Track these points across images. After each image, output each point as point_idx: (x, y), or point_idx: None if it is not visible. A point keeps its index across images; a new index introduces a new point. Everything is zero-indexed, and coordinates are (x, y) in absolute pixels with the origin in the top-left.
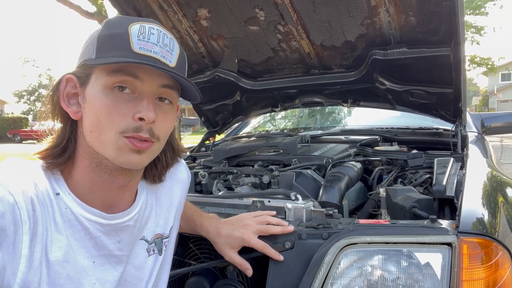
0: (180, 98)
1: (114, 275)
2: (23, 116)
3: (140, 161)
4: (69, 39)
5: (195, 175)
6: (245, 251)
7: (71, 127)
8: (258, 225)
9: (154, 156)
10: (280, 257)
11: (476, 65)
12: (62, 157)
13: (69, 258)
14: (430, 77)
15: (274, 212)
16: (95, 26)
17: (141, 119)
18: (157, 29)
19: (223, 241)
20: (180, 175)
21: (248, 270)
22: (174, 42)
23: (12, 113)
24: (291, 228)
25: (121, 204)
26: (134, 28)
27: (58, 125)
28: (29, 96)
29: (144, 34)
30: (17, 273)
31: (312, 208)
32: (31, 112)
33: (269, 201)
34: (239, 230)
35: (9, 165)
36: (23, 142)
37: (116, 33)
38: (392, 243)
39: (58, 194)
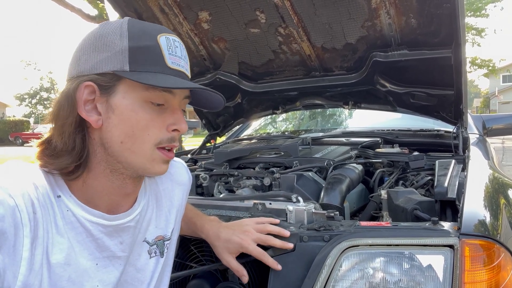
0: None
1: (117, 277)
2: (24, 119)
3: (167, 169)
4: (70, 42)
5: (196, 177)
6: (246, 254)
7: (87, 134)
8: (258, 233)
9: None
10: (278, 266)
11: (477, 67)
12: (81, 167)
13: (71, 261)
14: (431, 79)
15: (277, 221)
16: None
17: (174, 130)
18: (178, 41)
19: (222, 245)
20: (181, 177)
21: (244, 277)
22: (186, 52)
23: (14, 116)
24: (290, 245)
25: (123, 206)
26: (163, 41)
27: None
28: (30, 99)
29: (172, 48)
30: (17, 276)
31: (313, 210)
32: (33, 115)
33: (270, 204)
34: (239, 235)
35: (10, 168)
36: (24, 145)
37: (148, 46)
38: (393, 245)
39: (59, 196)
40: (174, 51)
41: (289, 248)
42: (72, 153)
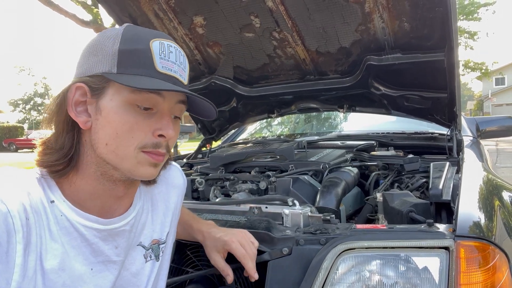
0: None
1: (112, 282)
2: (18, 125)
3: (155, 173)
4: (64, 48)
5: (192, 182)
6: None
7: (78, 136)
8: (244, 239)
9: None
10: (255, 275)
11: (470, 70)
12: (68, 166)
13: (65, 266)
14: (425, 82)
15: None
16: (90, 35)
17: (160, 135)
18: (174, 47)
19: (211, 244)
20: (175, 180)
21: (229, 277)
22: (185, 59)
23: (8, 122)
24: (253, 274)
25: (118, 210)
26: (155, 46)
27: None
28: (24, 105)
29: (164, 53)
30: (11, 283)
31: (309, 213)
32: (27, 121)
33: (266, 207)
34: (227, 235)
35: (2, 174)
36: (18, 151)
37: (138, 49)
38: (389, 247)
39: (52, 201)
40: (167, 56)
41: (251, 278)
42: (60, 151)
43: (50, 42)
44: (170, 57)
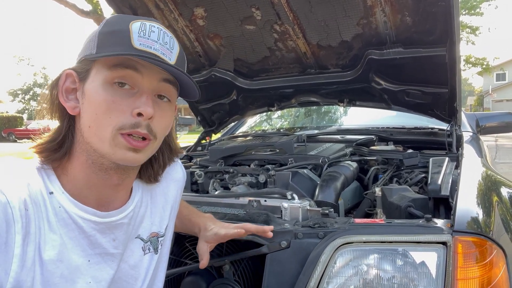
0: (178, 98)
1: (110, 274)
2: (18, 115)
3: (137, 159)
4: (64, 38)
5: (191, 174)
6: (240, 251)
7: (69, 122)
8: (236, 225)
9: (151, 154)
10: (241, 231)
11: (471, 65)
12: (58, 152)
13: (63, 257)
14: (426, 77)
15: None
16: (90, 25)
17: (139, 114)
18: (157, 27)
19: (203, 234)
20: (175, 174)
21: (202, 261)
22: (174, 41)
23: (7, 112)
24: (266, 228)
25: (116, 202)
26: (135, 26)
27: (54, 124)
28: (24, 95)
29: (144, 32)
30: (9, 273)
31: (308, 207)
32: (26, 111)
33: (265, 201)
34: (217, 227)
35: (2, 164)
36: (17, 141)
37: (117, 30)
38: (387, 242)
39: (51, 193)
40: (147, 35)
41: (266, 232)
42: (51, 136)
43: (49, 32)
44: (150, 36)
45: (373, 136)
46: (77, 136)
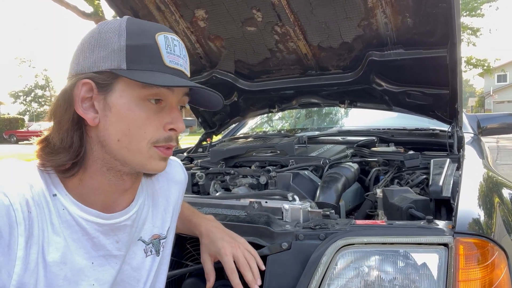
0: None
1: (112, 275)
2: (19, 116)
3: (165, 167)
4: (65, 40)
5: (192, 176)
6: None
7: (84, 132)
8: (240, 252)
9: None
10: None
11: (472, 67)
12: (77, 166)
13: (67, 259)
14: (427, 78)
15: (262, 267)
16: (91, 27)
17: (171, 129)
18: (177, 40)
19: (206, 243)
20: (177, 176)
21: (209, 282)
22: (185, 50)
23: (8, 114)
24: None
25: (120, 204)
26: (161, 40)
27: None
28: (25, 96)
29: (170, 47)
30: (12, 275)
31: (309, 209)
32: (27, 113)
33: (266, 202)
34: (224, 241)
35: (4, 166)
36: (19, 143)
37: (146, 44)
38: (389, 243)
39: (55, 195)
40: (173, 50)
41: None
42: (70, 150)
43: (51, 34)
44: (175, 51)
45: (374, 138)
46: (91, 144)
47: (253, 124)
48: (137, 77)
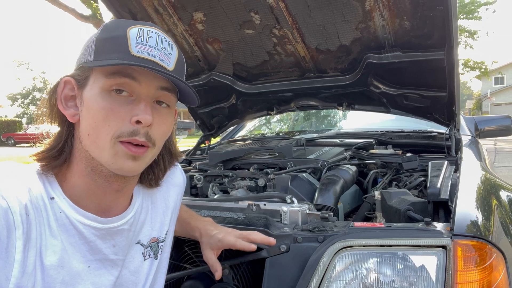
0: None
1: (110, 280)
2: (17, 119)
3: (135, 168)
4: (63, 42)
5: (190, 178)
6: (239, 255)
7: (68, 129)
8: (240, 232)
9: (149, 163)
10: (252, 246)
11: (469, 69)
12: (58, 159)
13: (64, 263)
14: (424, 80)
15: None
16: (90, 29)
17: (138, 122)
18: (155, 33)
19: (206, 241)
20: (175, 179)
21: (217, 273)
22: (172, 46)
23: (6, 117)
24: (271, 240)
25: (116, 208)
26: (133, 31)
27: (54, 128)
28: (23, 99)
29: (142, 37)
30: (10, 278)
31: (307, 211)
32: (25, 115)
33: (264, 204)
34: (223, 232)
35: (2, 169)
36: (17, 145)
37: (115, 36)
38: (387, 246)
39: (52, 198)
40: (145, 41)
41: (270, 244)
42: (51, 144)
43: (49, 36)
44: (149, 42)
45: (372, 140)
46: (76, 143)
47: (251, 126)
48: (92, 64)
